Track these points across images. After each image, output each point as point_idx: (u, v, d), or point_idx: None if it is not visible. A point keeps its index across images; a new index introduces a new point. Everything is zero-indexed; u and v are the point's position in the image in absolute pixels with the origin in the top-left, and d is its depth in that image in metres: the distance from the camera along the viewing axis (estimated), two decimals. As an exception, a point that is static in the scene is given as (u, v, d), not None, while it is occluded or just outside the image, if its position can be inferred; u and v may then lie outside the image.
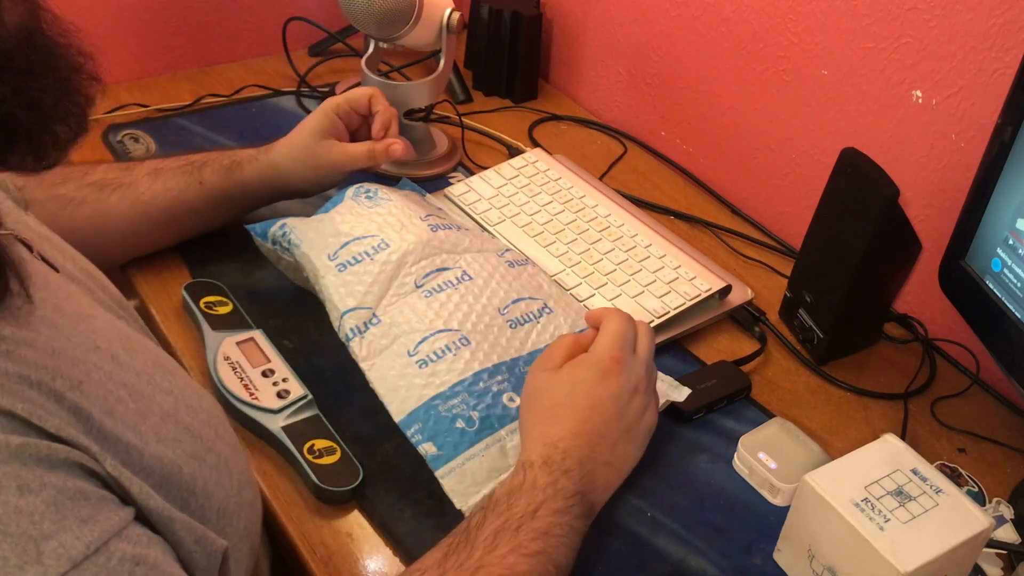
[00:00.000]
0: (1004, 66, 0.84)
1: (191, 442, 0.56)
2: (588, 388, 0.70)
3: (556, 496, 0.65)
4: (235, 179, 0.90)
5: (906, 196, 0.90)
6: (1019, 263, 0.75)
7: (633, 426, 0.71)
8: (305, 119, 0.94)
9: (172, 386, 0.59)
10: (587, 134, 1.27)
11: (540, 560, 0.61)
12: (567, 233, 1.00)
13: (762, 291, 1.00)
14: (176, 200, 0.88)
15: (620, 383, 0.70)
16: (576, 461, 0.67)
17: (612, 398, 0.70)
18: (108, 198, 0.85)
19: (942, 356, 0.95)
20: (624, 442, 0.71)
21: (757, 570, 0.71)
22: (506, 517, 0.63)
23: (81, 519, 0.45)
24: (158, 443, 0.53)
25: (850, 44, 0.96)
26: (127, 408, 0.52)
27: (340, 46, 1.32)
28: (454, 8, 1.05)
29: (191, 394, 0.61)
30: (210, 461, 0.57)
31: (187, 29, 1.26)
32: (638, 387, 0.72)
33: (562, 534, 0.64)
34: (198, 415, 0.59)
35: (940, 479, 0.66)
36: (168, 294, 0.90)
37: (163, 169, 0.88)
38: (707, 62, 1.14)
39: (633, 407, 0.71)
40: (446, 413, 0.74)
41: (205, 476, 0.56)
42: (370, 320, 0.81)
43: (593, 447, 0.69)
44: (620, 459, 0.71)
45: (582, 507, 0.66)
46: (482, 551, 0.60)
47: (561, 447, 0.67)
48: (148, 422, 0.53)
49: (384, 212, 0.89)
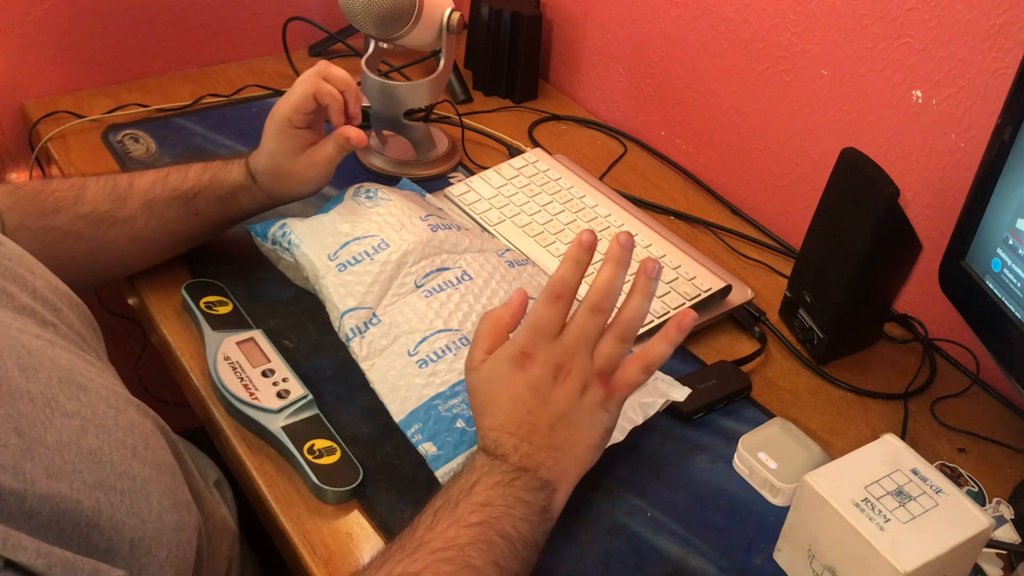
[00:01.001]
0: (1004, 66, 0.84)
1: (95, 469, 0.52)
2: (504, 383, 0.68)
3: (492, 471, 0.65)
4: (232, 209, 0.89)
5: (906, 196, 0.90)
6: (1019, 263, 0.75)
7: (569, 411, 0.68)
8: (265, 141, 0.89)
9: (79, 406, 0.55)
10: (587, 134, 1.27)
11: (481, 530, 0.61)
12: (567, 233, 1.00)
13: (762, 291, 1.00)
14: (175, 232, 0.88)
15: (534, 375, 0.68)
16: (509, 448, 0.67)
17: (529, 389, 0.68)
18: (106, 234, 0.84)
19: (942, 356, 0.95)
20: (563, 426, 0.68)
21: (757, 570, 0.71)
22: (445, 497, 0.64)
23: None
24: (48, 479, 0.49)
25: (850, 44, 0.96)
26: (6, 446, 0.48)
27: (340, 46, 1.32)
28: (454, 8, 1.05)
29: (105, 411, 0.57)
30: (120, 487, 0.53)
31: (187, 29, 1.26)
32: (563, 374, 0.68)
33: (505, 504, 0.63)
34: (110, 435, 0.55)
35: (940, 479, 0.66)
36: (168, 294, 0.90)
37: (156, 200, 0.85)
38: (707, 62, 1.14)
39: (560, 393, 0.68)
40: (446, 413, 0.74)
41: (113, 505, 0.52)
42: (370, 320, 0.81)
43: (525, 434, 0.67)
44: (565, 441, 0.68)
45: (528, 481, 0.65)
46: (423, 530, 0.61)
47: (491, 437, 0.68)
48: (36, 458, 0.49)
49: (384, 212, 0.89)
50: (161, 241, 0.88)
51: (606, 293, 0.67)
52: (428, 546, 0.60)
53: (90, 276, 0.72)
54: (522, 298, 0.72)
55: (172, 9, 1.24)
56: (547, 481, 0.67)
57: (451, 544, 0.60)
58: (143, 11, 1.22)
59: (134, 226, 0.85)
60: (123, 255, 0.87)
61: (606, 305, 0.67)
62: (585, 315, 0.67)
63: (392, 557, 0.60)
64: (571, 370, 0.68)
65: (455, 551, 0.59)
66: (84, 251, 0.83)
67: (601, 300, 0.67)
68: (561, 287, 0.67)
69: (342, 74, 0.89)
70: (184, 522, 0.59)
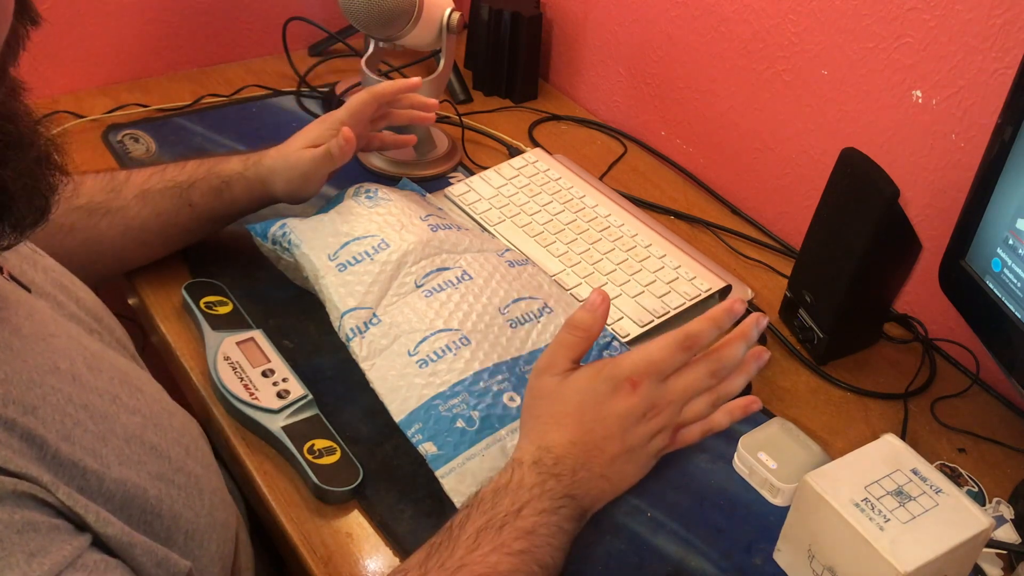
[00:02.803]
0: (1004, 66, 0.84)
1: (157, 463, 0.55)
2: (596, 400, 0.69)
3: (543, 496, 0.64)
4: (225, 200, 0.89)
5: (906, 196, 0.90)
6: (1019, 263, 0.75)
7: (637, 448, 0.70)
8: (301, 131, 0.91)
9: (139, 404, 0.57)
10: (587, 134, 1.27)
11: (523, 559, 0.61)
12: (567, 233, 1.00)
13: (762, 291, 1.00)
14: (167, 223, 0.87)
15: (631, 404, 0.69)
16: (568, 468, 0.66)
17: (618, 417, 0.69)
18: (98, 224, 0.84)
19: (942, 356, 0.95)
20: (624, 460, 0.70)
21: (757, 570, 0.71)
22: (490, 516, 0.62)
23: (29, 553, 0.44)
24: (120, 466, 0.52)
25: (850, 44, 0.96)
26: (87, 431, 0.51)
27: (340, 46, 1.32)
28: (454, 8, 1.05)
29: (160, 412, 0.59)
30: (178, 481, 0.56)
31: (187, 29, 1.26)
32: (652, 413, 0.69)
33: (548, 534, 0.63)
34: (167, 434, 0.58)
35: (940, 479, 0.66)
36: (168, 294, 0.90)
37: (151, 191, 0.86)
38: (707, 62, 1.14)
39: (640, 430, 0.70)
40: (446, 413, 0.74)
41: (172, 497, 0.55)
42: (370, 320, 0.81)
43: (590, 458, 0.68)
44: (617, 475, 0.70)
45: (571, 510, 0.66)
46: (464, 550, 0.60)
47: (555, 452, 0.67)
48: (110, 445, 0.52)
49: (384, 212, 0.89)
50: (152, 231, 0.87)
51: (728, 365, 0.70)
52: (469, 569, 0.59)
53: (87, 271, 0.72)
54: (606, 302, 0.71)
55: (172, 9, 1.24)
56: (587, 510, 0.68)
57: (493, 570, 0.59)
58: (143, 11, 1.22)
59: (126, 216, 0.85)
60: (116, 247, 0.86)
61: (724, 374, 0.70)
62: (702, 374, 0.70)
63: (430, 572, 0.59)
64: (660, 414, 0.70)
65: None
66: (78, 243, 0.83)
67: (721, 369, 0.70)
68: (693, 341, 0.69)
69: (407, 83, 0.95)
70: (229, 520, 0.62)
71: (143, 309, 0.90)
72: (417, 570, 0.59)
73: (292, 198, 0.91)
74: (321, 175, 0.90)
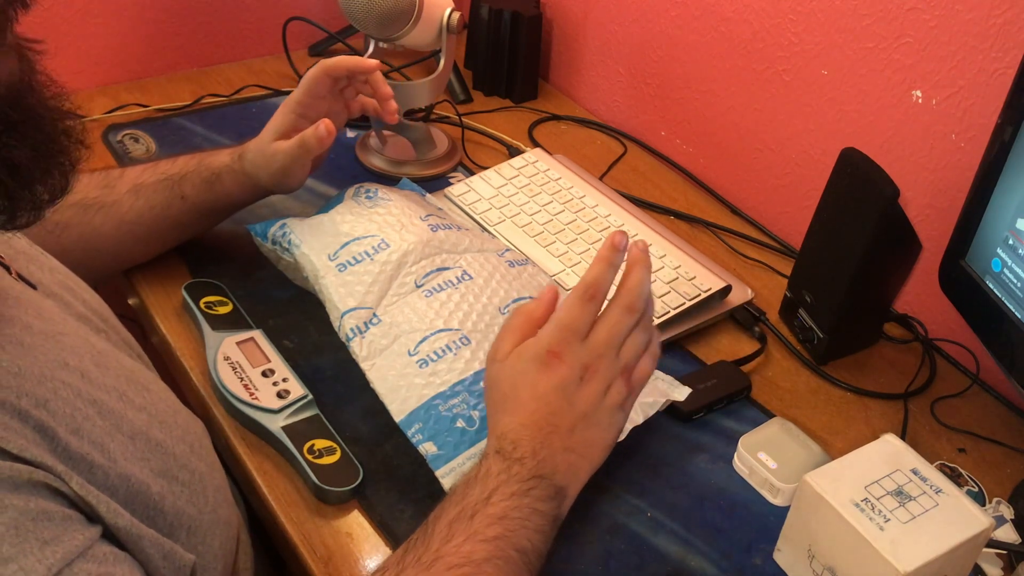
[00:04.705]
0: (1004, 66, 0.84)
1: (161, 460, 0.56)
2: (529, 380, 0.68)
3: (510, 481, 0.64)
4: (217, 192, 0.89)
5: (906, 196, 0.90)
6: (1019, 263, 0.75)
7: (591, 412, 0.68)
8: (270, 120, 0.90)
9: (145, 402, 0.58)
10: (587, 134, 1.27)
11: (498, 545, 0.60)
12: (567, 233, 1.00)
13: (762, 291, 1.00)
14: (160, 217, 0.87)
15: (562, 375, 0.67)
16: (528, 450, 0.65)
17: (555, 390, 0.67)
18: (92, 219, 0.84)
19: (942, 356, 0.95)
20: (583, 428, 0.68)
21: (757, 570, 0.71)
22: (461, 507, 0.62)
23: (43, 541, 0.45)
24: (125, 461, 0.53)
25: (850, 44, 0.96)
26: (95, 426, 0.52)
27: (340, 46, 1.32)
28: (454, 8, 1.05)
29: (166, 410, 0.60)
30: (182, 478, 0.57)
31: (187, 29, 1.26)
32: (588, 374, 0.68)
33: (521, 517, 0.62)
34: (172, 432, 0.59)
35: (940, 479, 0.66)
36: (168, 294, 0.90)
37: (143, 185, 0.86)
38: (707, 62, 1.14)
39: (585, 393, 0.68)
40: (446, 413, 0.74)
41: (176, 493, 0.56)
42: (370, 320, 0.81)
43: (545, 436, 0.67)
44: (582, 444, 0.68)
45: (543, 490, 0.65)
46: (439, 542, 0.60)
47: (510, 437, 0.66)
48: (116, 440, 0.53)
49: (384, 212, 0.89)
50: (146, 225, 0.87)
51: (639, 293, 0.68)
52: (444, 561, 0.59)
53: (86, 269, 0.73)
54: (554, 293, 0.71)
55: (172, 9, 1.24)
56: (561, 488, 0.67)
57: (467, 560, 0.59)
58: (143, 11, 1.22)
59: (120, 210, 0.85)
60: (111, 242, 0.86)
61: (639, 305, 0.68)
62: (618, 315, 0.68)
63: (406, 569, 0.59)
64: (598, 370, 0.68)
65: (471, 567, 0.59)
66: (74, 240, 0.83)
67: (635, 300, 0.68)
68: (594, 288, 0.67)
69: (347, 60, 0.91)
70: (231, 519, 0.62)
71: (143, 309, 0.90)
72: (395, 568, 0.59)
73: (280, 189, 0.91)
74: (300, 165, 0.88)
